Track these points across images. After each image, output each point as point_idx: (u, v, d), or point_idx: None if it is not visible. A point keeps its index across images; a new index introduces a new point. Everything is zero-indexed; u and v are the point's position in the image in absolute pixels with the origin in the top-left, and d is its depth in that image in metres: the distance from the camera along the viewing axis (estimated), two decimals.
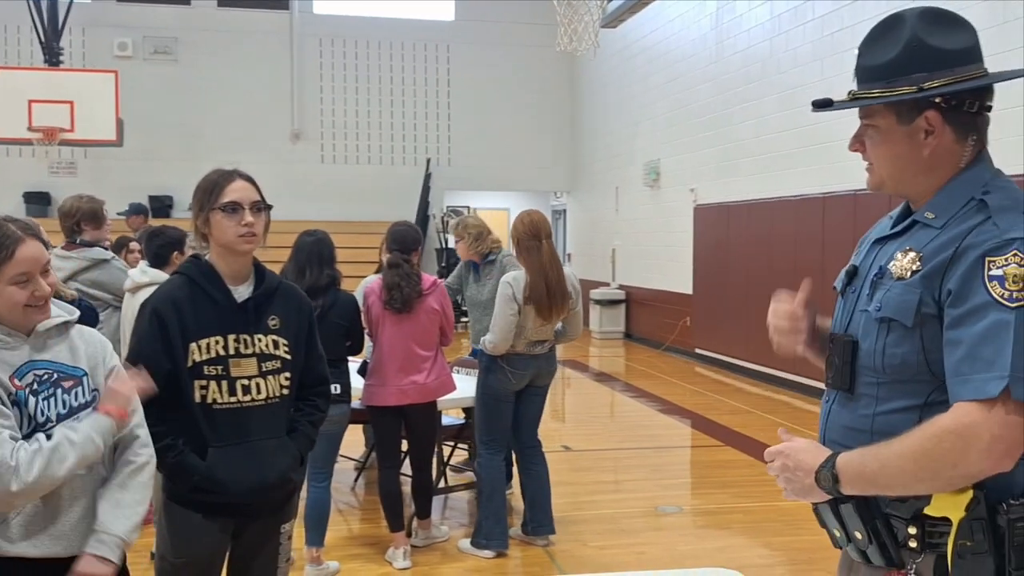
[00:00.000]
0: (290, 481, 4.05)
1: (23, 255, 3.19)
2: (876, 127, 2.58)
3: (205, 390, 3.78)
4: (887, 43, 2.57)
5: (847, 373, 2.59)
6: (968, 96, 2.50)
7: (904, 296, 2.44)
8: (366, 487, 9.07)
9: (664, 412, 13.53)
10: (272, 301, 3.97)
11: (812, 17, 14.69)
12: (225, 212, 3.79)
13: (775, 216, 15.30)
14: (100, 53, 23.28)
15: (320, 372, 4.21)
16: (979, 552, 2.32)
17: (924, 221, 2.51)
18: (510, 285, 7.08)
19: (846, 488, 2.45)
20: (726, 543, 7.71)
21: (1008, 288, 2.27)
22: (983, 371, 2.26)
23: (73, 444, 3.16)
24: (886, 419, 2.48)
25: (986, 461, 2.26)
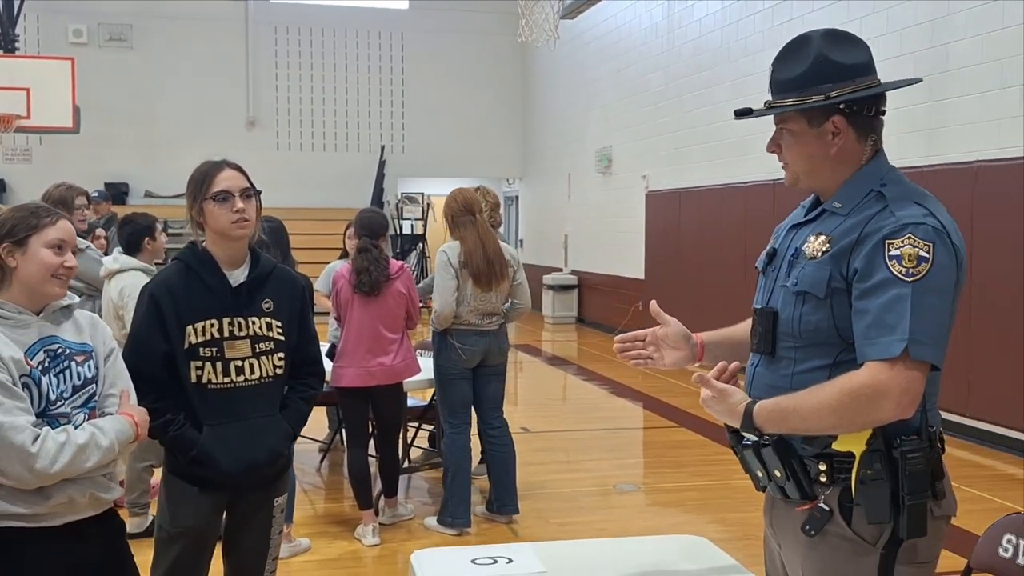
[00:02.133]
0: (281, 456, 4.24)
1: (64, 225, 3.47)
2: (791, 131, 3.03)
3: (201, 371, 3.97)
4: (797, 59, 2.99)
5: (769, 340, 3.02)
6: (867, 103, 2.96)
7: (817, 273, 2.88)
8: (331, 468, 9.27)
9: (618, 395, 13.77)
10: (266, 285, 4.15)
11: (762, 8, 14.97)
12: (217, 201, 3.97)
13: (725, 202, 15.53)
14: (55, 40, 23.24)
15: (312, 352, 4.39)
16: (878, 479, 2.78)
17: (832, 209, 2.97)
18: (445, 253, 7.33)
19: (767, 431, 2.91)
20: (682, 519, 7.95)
21: (905, 265, 2.72)
22: (887, 335, 2.71)
23: (100, 448, 3.34)
24: (801, 377, 2.91)
25: (895, 410, 2.72)
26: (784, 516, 3.04)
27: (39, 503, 3.30)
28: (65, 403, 3.39)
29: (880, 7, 12.17)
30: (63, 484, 3.33)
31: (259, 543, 4.28)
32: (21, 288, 3.37)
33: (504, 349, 7.63)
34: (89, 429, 3.36)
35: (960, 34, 10.92)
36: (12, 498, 3.26)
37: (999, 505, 8.10)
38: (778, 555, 3.16)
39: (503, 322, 7.59)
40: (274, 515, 4.30)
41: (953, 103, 11.02)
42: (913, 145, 11.46)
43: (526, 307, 7.78)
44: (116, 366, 3.63)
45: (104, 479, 3.50)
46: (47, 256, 3.38)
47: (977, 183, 10.35)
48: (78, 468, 3.30)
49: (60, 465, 3.23)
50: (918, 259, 2.73)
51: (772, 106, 3.04)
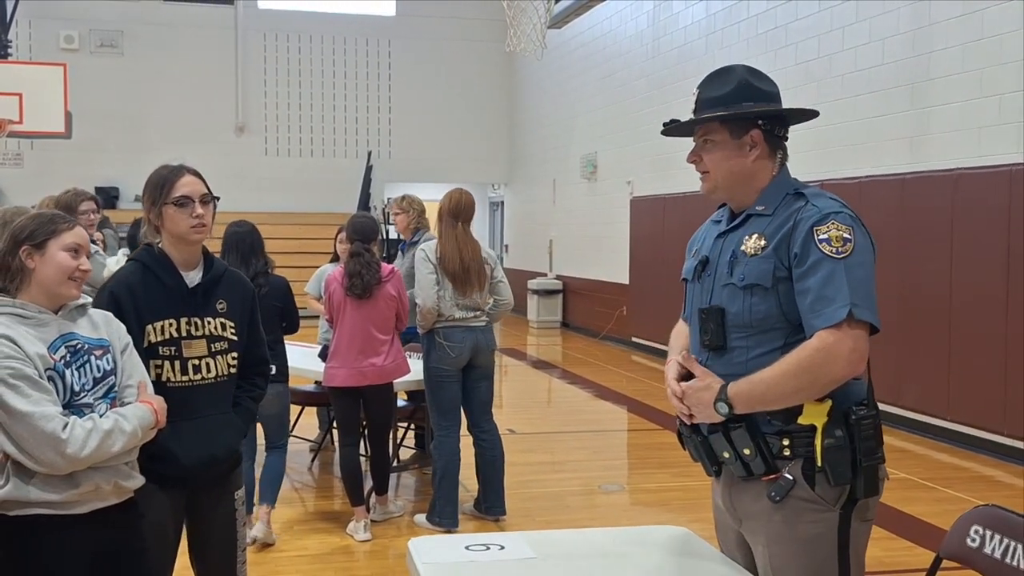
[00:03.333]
0: (235, 452, 4.37)
1: (79, 231, 3.66)
2: (714, 141, 3.44)
3: (160, 369, 4.08)
4: (723, 82, 3.45)
5: (720, 334, 3.37)
6: (778, 123, 3.44)
7: (762, 266, 3.26)
8: (322, 467, 9.43)
9: (602, 397, 13.93)
10: (219, 286, 4.28)
11: (747, 16, 15.11)
12: (177, 206, 4.09)
13: (710, 208, 15.27)
14: (47, 46, 23.34)
15: (260, 354, 4.52)
16: (840, 446, 3.17)
17: (757, 213, 3.38)
18: (423, 250, 7.53)
19: (739, 409, 3.22)
20: (666, 517, 8.06)
21: (834, 245, 3.16)
22: (830, 305, 3.11)
23: (124, 433, 3.52)
24: (755, 362, 3.26)
25: (848, 367, 3.12)
26: (745, 491, 3.38)
27: (68, 490, 3.47)
28: (88, 394, 3.56)
29: (863, 16, 12.33)
30: (89, 472, 3.49)
31: (226, 535, 4.38)
32: (40, 289, 3.54)
33: (492, 347, 7.73)
34: (113, 416, 3.54)
35: (941, 44, 11.07)
36: (44, 485, 3.44)
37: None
38: (734, 532, 3.55)
39: (488, 320, 7.71)
40: (236, 507, 4.41)
41: (934, 111, 11.18)
42: (895, 153, 11.64)
43: (508, 303, 7.87)
44: (132, 359, 3.79)
45: (127, 468, 3.67)
46: (64, 259, 3.55)
47: (958, 190, 10.52)
48: (106, 452, 3.47)
49: (89, 450, 3.40)
50: (843, 240, 3.17)
51: (702, 117, 3.45)
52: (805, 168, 8.28)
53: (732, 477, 3.41)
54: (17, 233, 3.57)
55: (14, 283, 3.54)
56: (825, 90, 12.66)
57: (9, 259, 3.54)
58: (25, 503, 3.43)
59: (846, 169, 12.29)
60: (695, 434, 3.45)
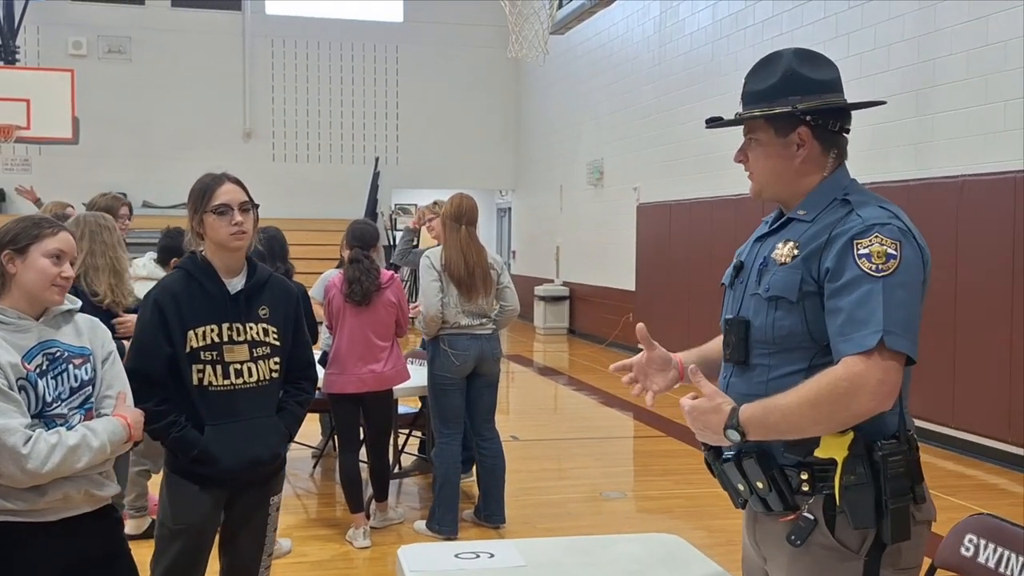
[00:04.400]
0: (278, 455, 4.44)
1: (64, 237, 3.65)
2: (758, 140, 3.13)
3: (202, 373, 4.17)
4: (768, 73, 3.11)
5: (742, 349, 3.07)
6: (832, 118, 3.09)
7: (788, 277, 2.93)
8: (323, 474, 9.42)
9: (607, 404, 13.89)
10: (262, 292, 4.36)
11: (753, 22, 15.11)
12: (217, 214, 4.18)
13: (716, 214, 15.59)
14: (55, 52, 23.38)
15: (306, 357, 4.60)
16: (861, 484, 2.80)
17: (797, 217, 3.05)
18: (427, 257, 7.49)
19: (752, 437, 2.88)
20: (668, 525, 8.01)
21: (874, 262, 2.79)
22: (861, 329, 2.75)
23: (91, 449, 3.50)
24: (777, 383, 2.93)
25: (873, 401, 2.74)
26: (768, 530, 3.06)
27: (34, 499, 3.46)
28: (62, 404, 3.55)
29: (868, 23, 12.31)
30: (58, 481, 3.48)
31: (256, 540, 4.46)
32: (21, 294, 3.54)
33: (497, 356, 7.69)
34: (81, 431, 3.52)
35: (946, 50, 11.05)
36: (7, 494, 3.42)
37: None
38: (760, 571, 3.19)
39: (495, 327, 7.68)
40: (270, 513, 4.49)
41: (939, 118, 11.16)
42: (900, 159, 11.61)
43: (515, 309, 7.81)
44: (114, 369, 3.79)
45: (99, 477, 3.66)
46: (45, 265, 3.55)
47: (962, 197, 10.48)
48: (69, 468, 3.45)
49: (51, 465, 3.39)
50: (887, 256, 2.80)
51: (743, 115, 3.16)
52: None
53: (754, 511, 3.10)
54: (0, 237, 3.57)
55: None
56: None
57: None
58: None
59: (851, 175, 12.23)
60: (717, 460, 3.09)
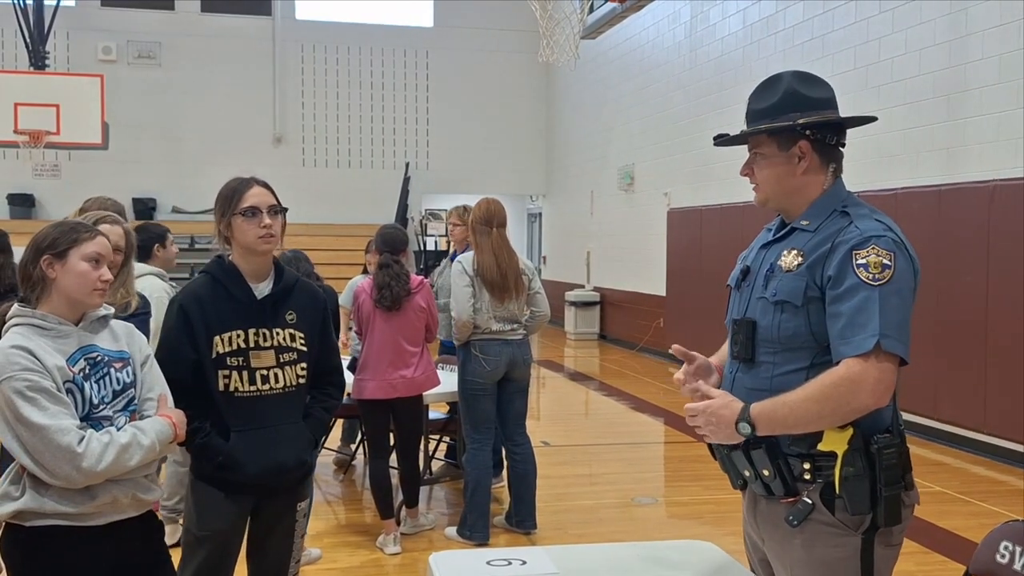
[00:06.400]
0: (304, 462, 4.41)
1: (102, 241, 3.65)
2: (762, 154, 3.40)
3: (228, 379, 4.16)
4: (770, 93, 3.38)
5: (749, 347, 3.33)
6: (829, 131, 3.34)
7: (794, 283, 3.21)
8: (352, 480, 9.42)
9: (638, 410, 13.85)
10: (290, 297, 4.33)
11: (783, 27, 15.05)
12: (245, 216, 4.16)
13: (747, 219, 15.41)
14: (84, 57, 23.53)
15: (333, 363, 4.58)
16: (859, 475, 3.11)
17: (801, 227, 3.32)
18: (459, 263, 7.49)
19: (761, 431, 3.16)
20: (699, 531, 7.99)
21: (871, 272, 3.08)
22: (860, 333, 3.05)
23: (142, 447, 3.51)
24: (781, 379, 3.22)
25: (872, 398, 3.05)
26: (767, 511, 3.35)
27: (85, 502, 3.46)
28: (107, 407, 3.55)
29: (899, 27, 12.25)
30: (108, 484, 3.49)
31: (283, 546, 4.44)
32: (61, 299, 3.54)
33: (528, 361, 7.66)
34: (131, 430, 3.53)
35: (978, 54, 10.98)
36: (60, 497, 3.43)
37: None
38: (759, 550, 3.53)
39: (525, 332, 7.65)
40: (297, 519, 4.47)
41: (970, 123, 11.10)
42: (931, 164, 11.55)
43: (545, 315, 7.80)
44: (153, 371, 3.79)
45: (146, 480, 3.66)
46: (85, 269, 3.54)
47: (993, 202, 10.41)
48: (122, 467, 3.46)
49: (105, 464, 3.40)
50: (882, 266, 3.08)
51: (746, 131, 3.42)
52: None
53: (755, 495, 3.40)
54: (39, 242, 3.57)
55: (35, 293, 3.54)
56: (861, 101, 12.54)
57: (30, 268, 3.54)
58: (41, 514, 3.43)
59: (881, 181, 12.18)
60: (721, 446, 3.38)
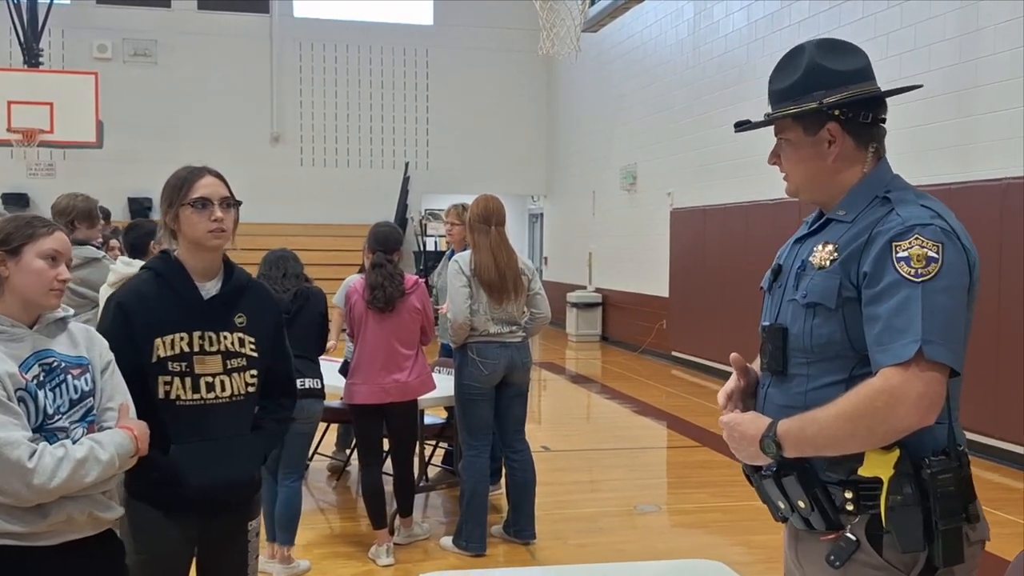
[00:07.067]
0: (253, 478, 4.06)
1: (60, 236, 3.38)
2: (788, 140, 2.99)
3: (169, 386, 3.77)
4: (791, 69, 2.96)
5: (780, 357, 2.92)
6: (862, 109, 2.89)
7: (826, 282, 2.79)
8: (346, 488, 9.16)
9: (641, 413, 13.63)
10: (241, 298, 3.98)
11: (789, 23, 14.85)
12: (195, 208, 3.79)
13: (751, 220, 15.39)
14: (79, 55, 23.31)
15: (286, 371, 4.21)
16: (908, 504, 2.63)
17: (837, 218, 2.89)
18: (456, 261, 7.22)
19: (788, 452, 2.76)
20: (705, 541, 7.80)
21: (914, 266, 2.63)
22: (899, 339, 2.60)
23: (99, 462, 3.22)
24: (816, 394, 2.79)
25: (914, 415, 2.58)
26: (810, 547, 2.89)
27: (36, 521, 3.19)
28: (62, 417, 3.28)
29: (908, 22, 12.03)
30: (61, 502, 3.21)
31: (236, 570, 4.06)
32: (14, 299, 3.27)
33: (527, 365, 7.41)
34: (87, 443, 3.25)
35: (989, 49, 10.77)
36: (8, 516, 3.15)
37: None
38: None
39: (525, 335, 7.41)
40: (249, 539, 4.07)
41: (982, 119, 10.88)
42: (941, 162, 11.32)
43: (546, 317, 7.55)
44: (114, 379, 3.50)
45: (103, 497, 3.38)
46: (41, 267, 3.27)
47: (1006, 200, 10.18)
48: (77, 484, 3.18)
49: (58, 481, 3.12)
50: (927, 259, 2.64)
51: (769, 116, 3.02)
52: None
53: (796, 528, 2.95)
54: None
55: None
56: None
57: None
58: None
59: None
60: (756, 473, 2.92)
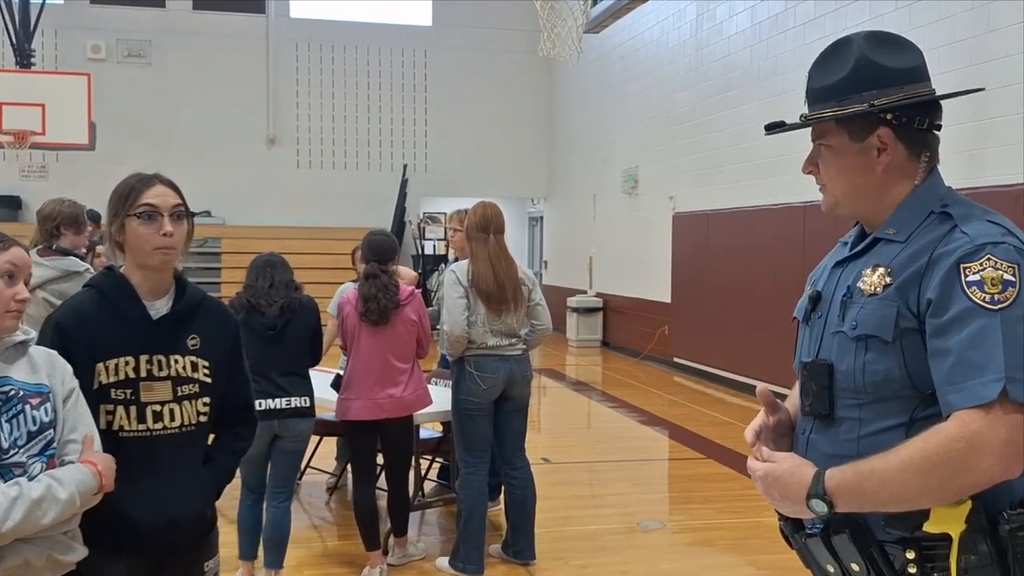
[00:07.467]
0: (204, 516, 3.70)
1: (16, 253, 3.10)
2: (829, 146, 2.61)
3: (112, 416, 3.43)
4: (836, 64, 2.60)
5: (825, 399, 2.53)
6: (918, 113, 2.53)
7: (881, 311, 2.41)
8: (342, 503, 8.86)
9: (643, 423, 13.38)
10: (194, 318, 3.63)
11: (793, 24, 14.63)
12: (141, 219, 3.45)
13: (755, 225, 15.20)
14: (73, 55, 23.03)
15: (244, 397, 3.86)
16: (984, 565, 2.26)
17: (887, 237, 2.52)
18: (453, 271, 6.93)
19: (842, 508, 2.37)
20: (712, 561, 7.55)
21: (988, 291, 2.28)
22: (977, 376, 2.23)
23: (58, 502, 2.95)
24: (872, 441, 2.41)
25: (998, 467, 2.22)
26: None
27: None
28: (19, 451, 3.00)
29: (916, 24, 11.79)
30: (17, 544, 2.93)
31: None
32: None
33: (528, 378, 7.12)
34: (45, 481, 2.97)
35: (1002, 51, 10.54)
36: None
37: None
38: None
39: (525, 347, 7.12)
40: None
41: (994, 123, 10.64)
42: (952, 167, 10.97)
43: (547, 329, 7.27)
44: (77, 408, 3.19)
45: (64, 538, 3.09)
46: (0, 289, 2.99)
47: (1019, 207, 9.93)
48: (34, 525, 2.91)
49: (12, 523, 2.85)
50: (1003, 283, 2.28)
51: (808, 118, 2.63)
52: None
53: None
54: None
55: None
56: None
57: None
58: None
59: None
60: (797, 532, 2.57)
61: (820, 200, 2.70)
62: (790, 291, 3.18)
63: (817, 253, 2.99)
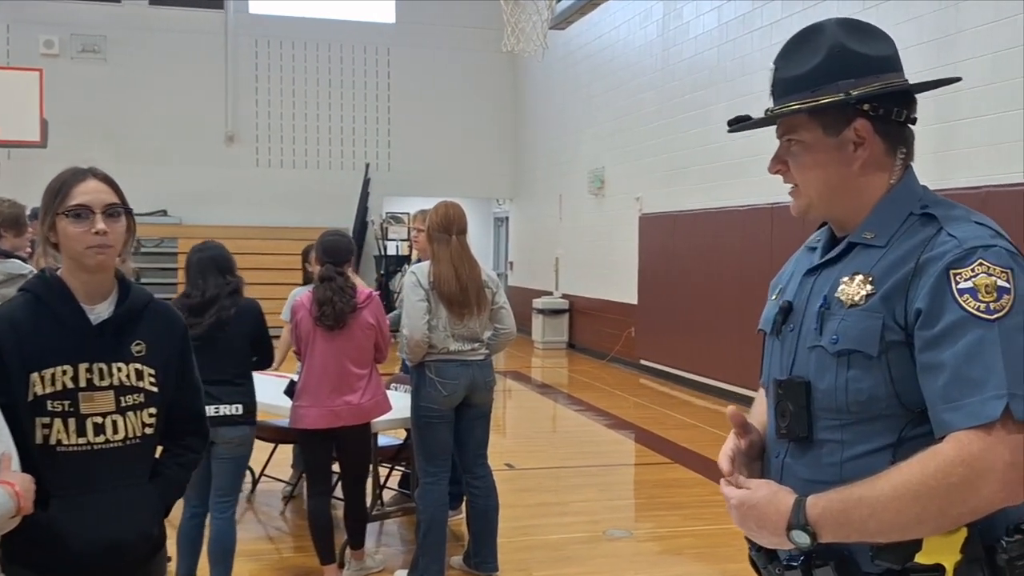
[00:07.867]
0: (150, 537, 3.43)
1: None
2: (801, 142, 2.41)
3: (48, 429, 3.17)
4: (808, 52, 2.40)
5: (803, 420, 2.32)
6: (895, 104, 2.36)
7: (864, 323, 2.22)
8: (298, 512, 8.58)
9: (610, 427, 13.22)
10: (138, 322, 3.38)
11: (761, 24, 14.52)
12: (71, 218, 3.22)
13: (722, 226, 15.09)
14: (25, 51, 22.59)
15: (195, 407, 3.62)
16: None
17: (864, 242, 2.34)
18: (414, 273, 6.68)
19: (827, 538, 2.16)
20: (680, 570, 7.39)
21: (982, 299, 2.10)
22: (976, 393, 2.04)
23: None
24: (856, 464, 2.21)
25: (1001, 493, 2.03)
26: None
27: None
28: None
29: (884, 23, 11.24)
30: None
31: None
32: None
33: (490, 384, 6.89)
34: None
35: (968, 53, 10.43)
36: None
37: None
38: None
39: (488, 352, 6.89)
40: None
41: (960, 125, 10.54)
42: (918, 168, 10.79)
43: (511, 333, 7.06)
44: None
45: None
46: None
47: (985, 209, 9.67)
48: None
49: None
50: (998, 290, 2.09)
51: (776, 111, 2.41)
52: None
53: None
54: None
55: None
56: None
57: None
58: None
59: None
60: (771, 563, 2.37)
61: (788, 202, 2.47)
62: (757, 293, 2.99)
63: (784, 254, 2.76)
